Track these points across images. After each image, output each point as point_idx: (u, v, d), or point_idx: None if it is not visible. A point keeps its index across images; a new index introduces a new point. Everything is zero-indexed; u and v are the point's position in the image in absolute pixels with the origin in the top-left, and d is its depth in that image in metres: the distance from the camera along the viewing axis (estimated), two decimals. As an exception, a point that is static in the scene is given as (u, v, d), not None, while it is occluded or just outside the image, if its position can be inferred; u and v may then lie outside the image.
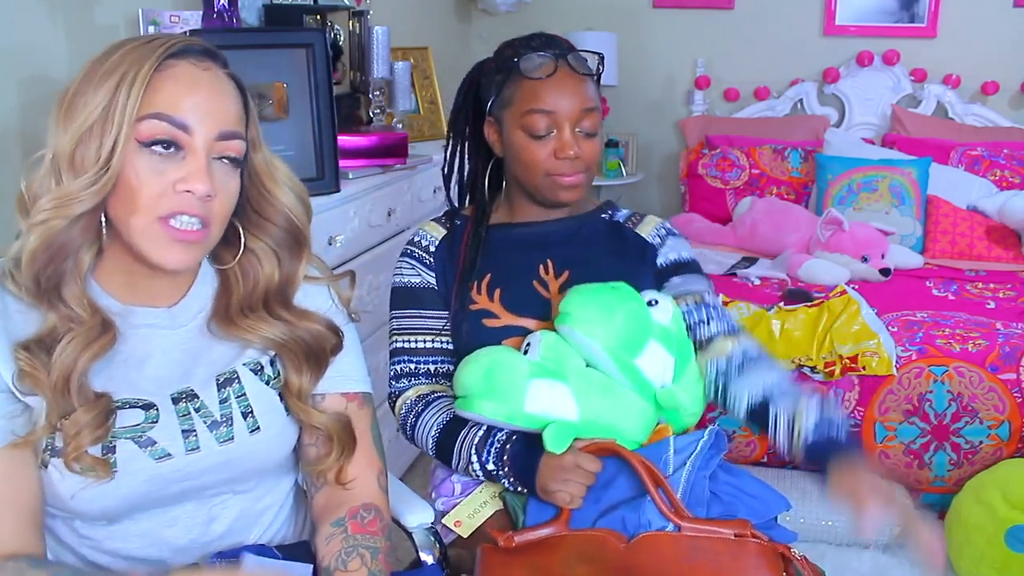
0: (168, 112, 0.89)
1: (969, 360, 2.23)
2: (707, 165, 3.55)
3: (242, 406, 1.02)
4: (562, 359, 1.22)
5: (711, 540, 1.11)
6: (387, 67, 2.53)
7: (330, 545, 1.04)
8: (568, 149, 1.28)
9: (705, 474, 1.19)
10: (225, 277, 1.04)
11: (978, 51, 3.62)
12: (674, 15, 3.90)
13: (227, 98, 0.94)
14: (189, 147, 0.91)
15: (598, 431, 1.21)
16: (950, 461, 2.26)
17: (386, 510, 1.10)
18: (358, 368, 1.13)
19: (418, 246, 1.39)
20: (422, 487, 1.46)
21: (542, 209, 1.37)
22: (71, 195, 0.88)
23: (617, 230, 1.41)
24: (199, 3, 1.94)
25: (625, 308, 1.21)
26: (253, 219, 1.02)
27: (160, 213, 0.90)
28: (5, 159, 1.57)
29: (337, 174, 2.01)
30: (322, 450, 1.07)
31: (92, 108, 0.88)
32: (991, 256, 3.05)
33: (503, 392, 1.19)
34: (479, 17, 4.00)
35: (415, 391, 1.35)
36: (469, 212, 1.42)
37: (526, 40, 1.34)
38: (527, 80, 1.29)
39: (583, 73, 1.31)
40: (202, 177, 0.90)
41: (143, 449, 0.96)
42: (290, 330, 1.03)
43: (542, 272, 1.35)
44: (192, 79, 0.91)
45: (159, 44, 0.91)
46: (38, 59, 1.63)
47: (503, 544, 1.14)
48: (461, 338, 1.32)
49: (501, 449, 1.24)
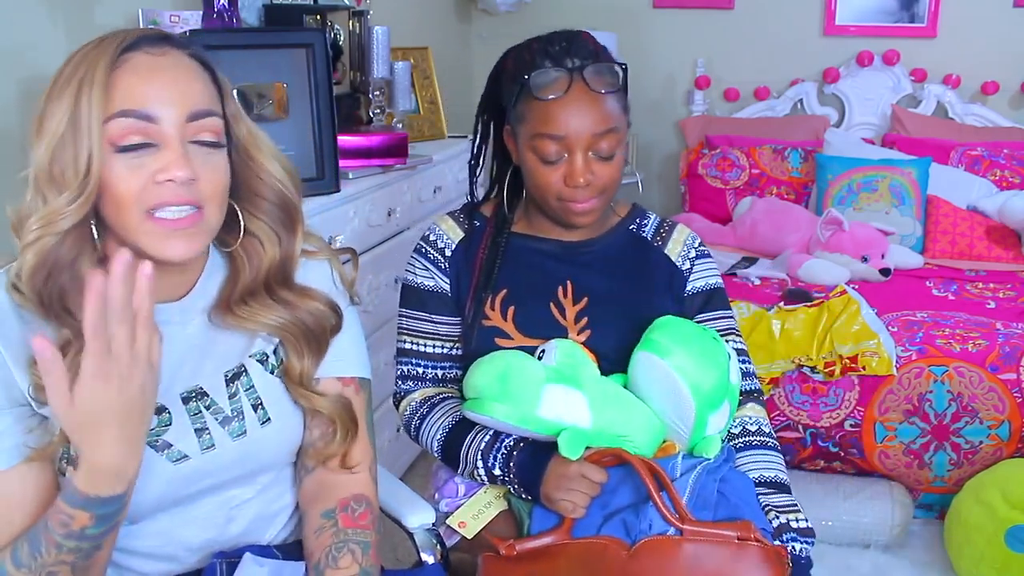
0: (131, 107, 0.88)
1: (969, 360, 2.23)
2: (707, 165, 3.55)
3: (251, 399, 1.02)
4: (578, 367, 1.21)
5: (713, 545, 1.11)
6: (387, 67, 2.53)
7: (320, 539, 1.02)
8: (578, 177, 1.20)
9: (715, 477, 1.19)
10: (233, 263, 1.03)
11: (978, 51, 3.62)
12: (674, 15, 3.90)
13: (191, 79, 0.92)
14: (161, 138, 0.89)
15: (608, 441, 1.21)
16: (950, 461, 2.26)
17: (376, 501, 1.09)
18: (356, 352, 1.11)
19: (433, 246, 1.35)
20: (422, 487, 1.46)
21: (561, 227, 1.32)
22: (57, 211, 0.87)
23: (643, 249, 1.35)
24: (199, 3, 1.94)
25: (722, 367, 1.22)
26: (246, 196, 1.00)
27: (147, 207, 0.89)
28: (5, 159, 1.56)
29: (337, 174, 2.00)
30: (325, 434, 1.06)
31: (59, 118, 0.87)
32: (991, 256, 3.05)
33: (517, 395, 1.18)
34: (479, 17, 3.99)
35: (421, 394, 1.34)
36: (488, 211, 1.37)
37: (546, 43, 1.25)
38: (537, 100, 1.20)
39: (602, 91, 1.20)
40: (179, 163, 0.89)
41: (160, 453, 0.96)
42: (291, 312, 1.02)
43: (560, 295, 1.31)
44: (149, 67, 0.90)
45: (111, 42, 0.89)
46: (38, 59, 1.63)
47: (504, 552, 1.14)
48: (471, 349, 1.30)
49: (508, 455, 1.22)
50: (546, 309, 1.30)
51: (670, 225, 1.38)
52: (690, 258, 1.36)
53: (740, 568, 1.09)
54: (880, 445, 2.27)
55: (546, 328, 1.29)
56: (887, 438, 2.27)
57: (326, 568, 1.00)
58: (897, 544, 2.24)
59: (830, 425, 2.28)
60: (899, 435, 2.26)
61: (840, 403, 2.27)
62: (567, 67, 1.21)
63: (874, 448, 2.28)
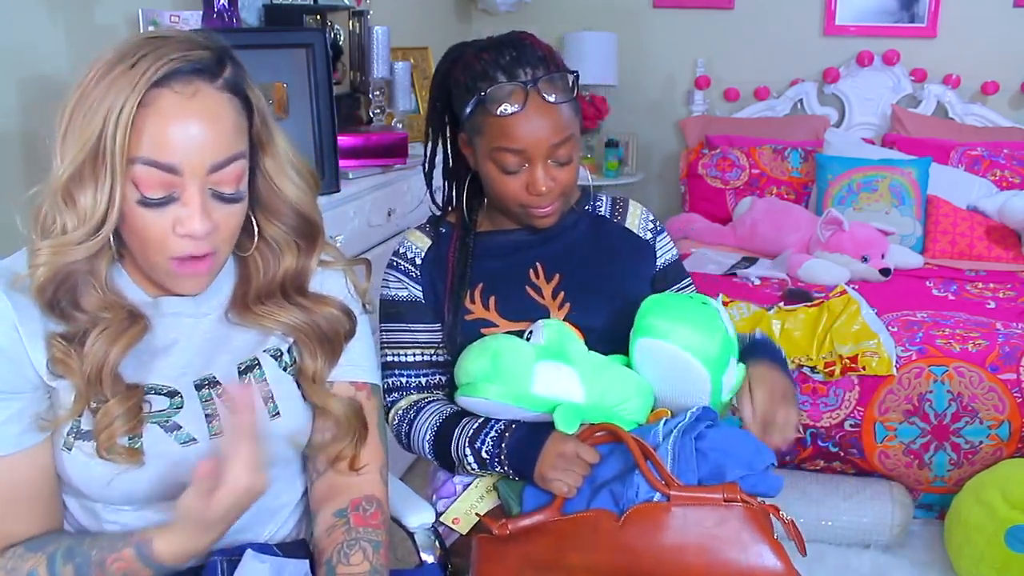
0: (154, 156, 0.87)
1: (969, 360, 2.23)
2: (707, 165, 3.55)
3: (262, 391, 1.04)
4: (565, 343, 1.23)
5: (700, 507, 1.13)
6: (387, 67, 2.53)
7: (332, 536, 1.04)
8: (540, 186, 1.24)
9: (691, 436, 1.20)
10: (244, 266, 1.05)
11: (978, 51, 3.62)
12: (674, 15, 3.90)
13: (218, 120, 0.91)
14: (182, 188, 0.90)
15: (602, 412, 1.22)
16: (950, 461, 2.26)
17: (386, 503, 1.11)
18: (368, 358, 1.14)
19: (403, 258, 1.37)
20: (422, 487, 1.46)
21: None
22: (70, 243, 0.88)
23: (603, 225, 1.40)
24: (199, 3, 1.94)
25: (721, 329, 1.24)
26: (268, 208, 1.02)
27: (168, 255, 0.92)
28: (5, 159, 1.57)
29: (337, 174, 2.01)
30: (335, 436, 1.07)
31: (83, 142, 0.86)
32: (991, 256, 3.05)
33: (510, 375, 1.19)
34: (479, 17, 4.00)
35: (407, 401, 1.36)
36: (454, 219, 1.39)
37: (496, 55, 1.24)
38: (495, 116, 1.22)
39: (556, 101, 1.22)
40: (198, 219, 0.90)
41: (169, 434, 0.98)
42: (306, 315, 1.04)
43: (532, 276, 1.34)
44: (176, 111, 0.88)
45: (141, 71, 0.86)
46: (38, 59, 1.63)
47: (498, 531, 1.16)
48: (457, 348, 1.31)
49: (499, 437, 1.23)
50: (523, 292, 1.33)
51: (623, 201, 1.44)
52: (651, 231, 1.41)
53: (728, 528, 1.11)
54: (880, 445, 2.27)
55: (528, 311, 1.31)
56: (887, 438, 2.27)
57: (338, 564, 1.01)
58: (897, 544, 2.24)
59: (830, 425, 2.28)
60: (899, 435, 2.26)
61: (840, 403, 2.27)
62: (521, 80, 1.22)
63: (874, 448, 2.28)
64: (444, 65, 1.32)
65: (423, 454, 1.32)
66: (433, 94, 1.34)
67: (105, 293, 0.93)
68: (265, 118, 0.98)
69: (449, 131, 1.36)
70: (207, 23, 1.91)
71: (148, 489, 0.98)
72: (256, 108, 0.97)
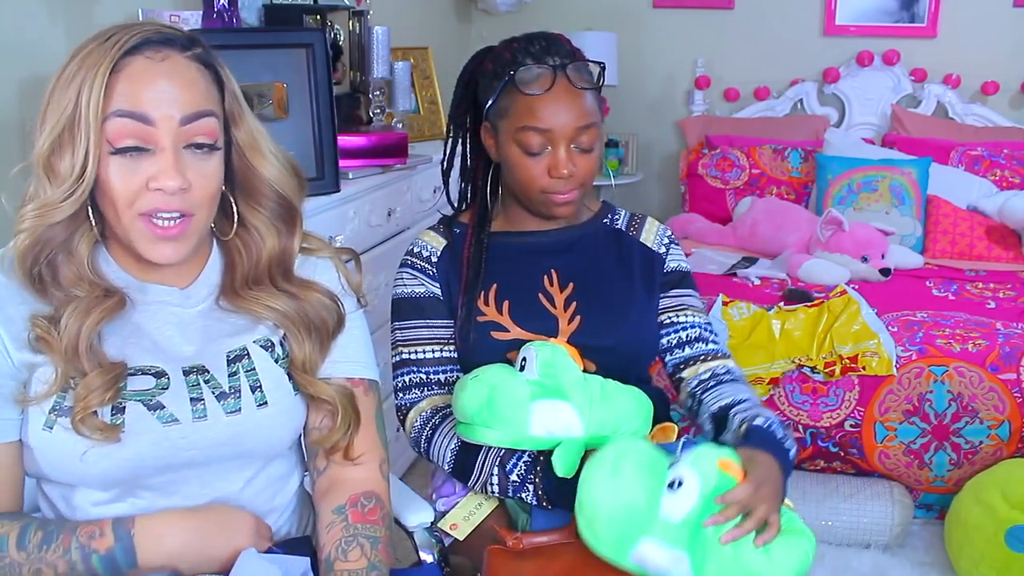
0: (127, 107, 0.91)
1: (969, 360, 2.23)
2: (707, 165, 3.55)
3: (251, 380, 1.04)
4: (559, 373, 1.21)
5: None
6: (387, 67, 2.53)
7: (331, 533, 1.05)
8: (562, 168, 1.25)
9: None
10: (229, 252, 1.07)
11: (978, 51, 3.62)
12: (674, 15, 3.90)
13: (189, 82, 0.95)
14: (155, 142, 0.92)
15: (604, 440, 1.19)
16: (950, 461, 2.26)
17: (387, 499, 1.11)
18: (365, 354, 1.14)
19: (419, 257, 1.37)
20: (422, 487, 1.46)
21: (540, 219, 1.36)
22: (52, 204, 0.92)
23: (619, 238, 1.40)
24: (199, 3, 1.94)
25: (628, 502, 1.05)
26: (246, 191, 1.04)
27: (140, 211, 0.94)
28: (5, 158, 1.56)
29: (337, 174, 2.00)
30: (330, 424, 1.08)
31: (60, 114, 0.91)
32: (991, 256, 3.05)
33: (506, 419, 1.17)
34: (479, 17, 4.00)
35: (429, 403, 1.32)
36: (467, 219, 1.39)
37: (526, 43, 1.29)
38: (523, 94, 1.25)
39: (582, 87, 1.26)
40: (171, 173, 0.92)
41: (152, 412, 0.98)
42: (294, 301, 1.06)
43: (546, 283, 1.33)
44: (147, 74, 0.92)
45: (113, 43, 0.92)
46: (38, 58, 1.63)
47: (511, 545, 1.14)
48: (467, 348, 1.30)
49: (533, 462, 1.22)
50: (535, 300, 1.32)
51: (640, 217, 1.44)
52: (665, 244, 1.41)
53: None
54: (880, 445, 2.27)
55: (538, 319, 1.31)
56: (887, 438, 2.27)
57: (336, 560, 1.02)
58: (897, 544, 2.24)
59: (830, 425, 2.28)
60: (899, 435, 2.26)
61: (840, 403, 2.27)
62: (550, 64, 1.26)
63: (874, 448, 2.28)
64: (471, 64, 1.37)
65: (439, 461, 1.30)
66: (458, 91, 1.38)
67: (81, 269, 0.96)
68: (236, 96, 1.01)
69: (470, 127, 1.38)
70: (207, 23, 1.91)
71: (123, 467, 0.97)
72: (227, 87, 1.00)
